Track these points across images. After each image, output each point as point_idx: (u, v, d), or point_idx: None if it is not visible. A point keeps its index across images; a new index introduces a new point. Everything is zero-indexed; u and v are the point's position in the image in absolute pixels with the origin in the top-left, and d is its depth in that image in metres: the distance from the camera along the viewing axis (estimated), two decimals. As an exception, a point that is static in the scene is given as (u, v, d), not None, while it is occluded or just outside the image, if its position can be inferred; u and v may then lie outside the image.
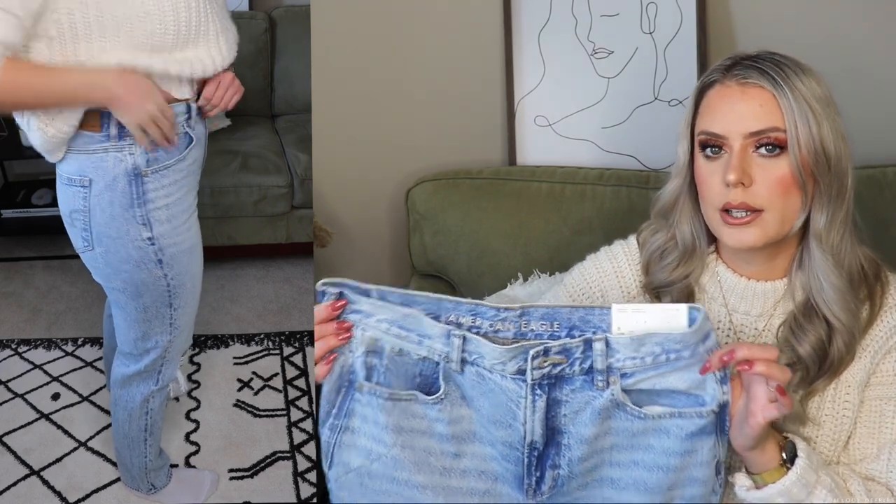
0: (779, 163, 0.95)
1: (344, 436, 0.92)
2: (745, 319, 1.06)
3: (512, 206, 1.61)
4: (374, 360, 0.89)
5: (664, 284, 1.08)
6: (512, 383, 0.85)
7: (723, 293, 1.07)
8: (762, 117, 0.95)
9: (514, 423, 0.86)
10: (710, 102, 1.00)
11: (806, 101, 0.94)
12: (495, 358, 0.85)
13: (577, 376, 0.85)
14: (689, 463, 0.87)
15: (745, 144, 0.96)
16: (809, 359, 0.99)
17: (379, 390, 0.89)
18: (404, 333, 0.88)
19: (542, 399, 0.85)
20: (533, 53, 1.65)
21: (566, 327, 0.86)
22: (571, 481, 0.89)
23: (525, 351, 0.84)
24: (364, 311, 0.88)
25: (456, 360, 0.86)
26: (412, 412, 0.89)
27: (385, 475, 0.91)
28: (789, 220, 0.98)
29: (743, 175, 0.95)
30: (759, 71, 0.96)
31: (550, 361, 0.84)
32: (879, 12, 1.55)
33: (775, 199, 0.96)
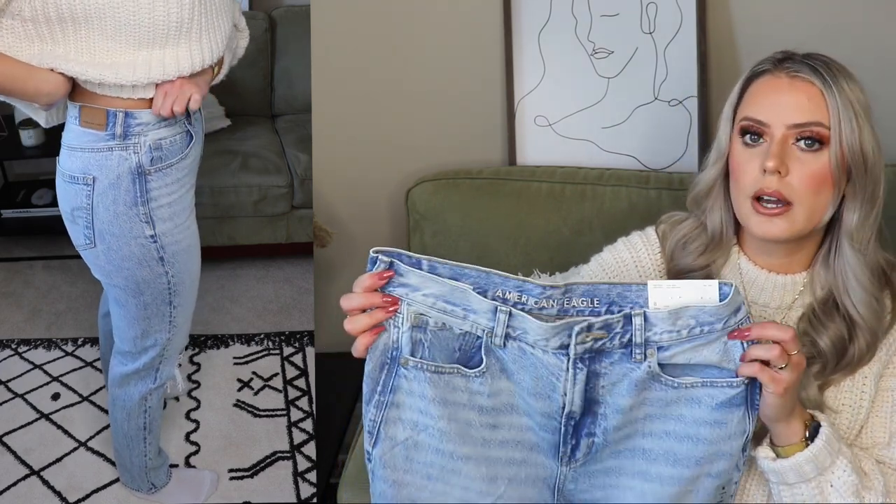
0: (817, 157, 0.98)
1: (390, 411, 0.92)
2: (764, 311, 1.08)
3: (512, 206, 1.61)
4: (418, 335, 0.90)
5: (687, 270, 1.10)
6: (553, 358, 0.88)
7: (743, 284, 1.09)
8: (808, 111, 0.98)
9: (553, 395, 0.89)
10: (758, 90, 1.02)
11: (851, 102, 0.97)
12: (540, 334, 0.87)
13: (616, 350, 0.88)
14: (718, 436, 0.90)
15: (787, 135, 0.98)
16: (829, 352, 1.02)
17: (425, 364, 0.90)
18: (450, 308, 0.89)
19: (582, 372, 0.88)
20: (533, 53, 1.65)
21: (605, 303, 0.89)
22: (605, 449, 0.92)
23: (570, 327, 0.87)
24: (411, 285, 0.89)
25: (500, 335, 0.89)
26: (454, 385, 0.91)
27: (431, 446, 0.92)
28: (817, 215, 1.00)
29: (780, 164, 0.97)
30: (810, 67, 0.99)
31: (593, 336, 0.87)
32: (880, 12, 1.55)
33: (807, 193, 0.98)
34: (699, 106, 1.61)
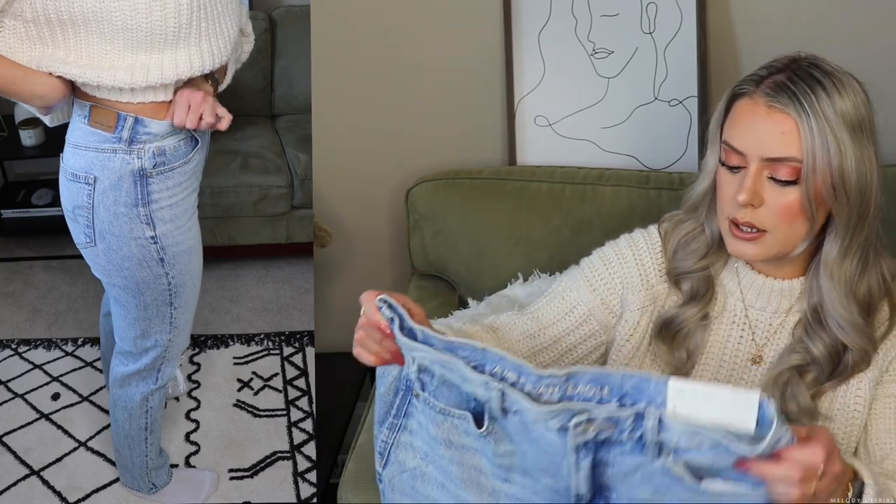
0: (789, 191, 0.96)
1: (402, 435, 0.91)
2: (762, 316, 1.07)
3: (512, 206, 1.61)
4: (425, 378, 0.88)
5: (687, 271, 1.09)
6: (556, 437, 0.79)
7: (740, 288, 1.08)
8: (781, 145, 0.94)
9: (559, 473, 0.81)
10: (737, 114, 0.99)
11: (832, 130, 0.92)
12: (536, 416, 0.80)
13: (627, 440, 0.78)
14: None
15: (761, 167, 0.96)
16: (823, 360, 1.00)
17: (432, 402, 0.87)
18: (448, 373, 0.85)
19: (587, 459, 0.80)
20: (533, 53, 1.65)
21: (617, 394, 0.79)
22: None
23: (569, 414, 0.78)
24: (409, 345, 0.87)
25: (497, 408, 0.82)
26: (464, 429, 0.86)
27: (437, 482, 0.90)
28: (793, 242, 0.99)
29: (753, 197, 0.96)
30: (790, 94, 0.94)
31: (595, 428, 0.78)
32: (880, 12, 1.55)
33: (780, 223, 0.97)
34: (699, 106, 1.61)
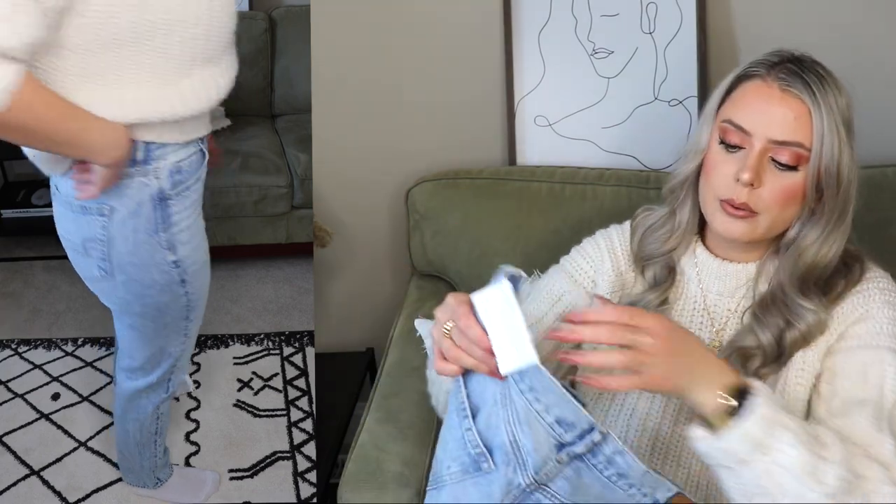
0: (787, 176, 0.98)
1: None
2: (718, 300, 1.10)
3: (512, 206, 1.61)
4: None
5: (651, 256, 1.13)
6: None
7: (698, 274, 1.11)
8: (792, 129, 0.96)
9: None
10: (746, 94, 1.01)
11: (836, 123, 0.96)
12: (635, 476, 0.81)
13: None
14: None
15: (766, 148, 0.97)
16: (769, 346, 1.02)
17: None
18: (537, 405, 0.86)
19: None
20: (533, 53, 1.65)
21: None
22: None
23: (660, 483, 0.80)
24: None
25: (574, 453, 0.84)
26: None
27: None
28: (779, 226, 1.02)
29: (755, 178, 0.97)
30: (804, 82, 0.96)
31: None
32: (880, 12, 1.55)
33: (775, 206, 0.99)
34: (699, 106, 1.61)
